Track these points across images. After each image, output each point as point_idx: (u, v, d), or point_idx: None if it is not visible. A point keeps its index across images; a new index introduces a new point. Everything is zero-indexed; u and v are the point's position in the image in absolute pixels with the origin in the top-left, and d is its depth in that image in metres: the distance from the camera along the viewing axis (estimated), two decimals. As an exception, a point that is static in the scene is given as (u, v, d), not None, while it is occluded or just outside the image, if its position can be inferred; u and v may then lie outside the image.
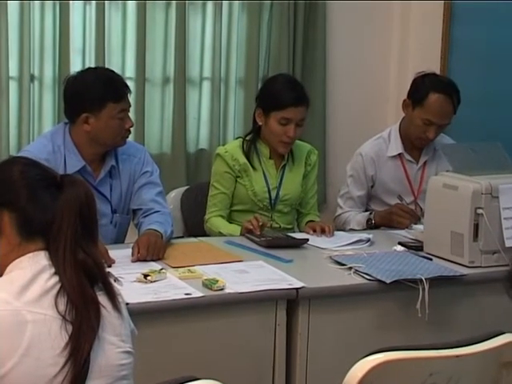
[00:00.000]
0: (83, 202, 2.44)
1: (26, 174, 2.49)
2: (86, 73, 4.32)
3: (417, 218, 4.62)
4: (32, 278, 2.36)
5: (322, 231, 4.39)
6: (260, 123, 4.54)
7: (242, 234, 4.35)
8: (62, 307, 2.35)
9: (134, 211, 4.29)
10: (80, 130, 4.08)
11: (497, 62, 5.63)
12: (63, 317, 2.34)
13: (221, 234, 4.44)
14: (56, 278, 2.37)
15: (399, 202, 4.77)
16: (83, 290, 2.40)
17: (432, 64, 5.67)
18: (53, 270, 2.38)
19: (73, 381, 2.32)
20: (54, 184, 2.48)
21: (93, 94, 4.04)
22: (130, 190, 4.27)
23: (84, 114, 4.03)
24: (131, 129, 4.20)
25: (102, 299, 2.46)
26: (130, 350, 2.48)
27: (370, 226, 4.73)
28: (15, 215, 2.43)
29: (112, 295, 2.48)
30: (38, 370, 2.30)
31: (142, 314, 3.10)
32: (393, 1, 6.24)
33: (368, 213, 4.84)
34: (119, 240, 4.35)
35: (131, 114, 4.20)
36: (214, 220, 4.53)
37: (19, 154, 4.32)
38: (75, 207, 2.42)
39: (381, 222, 4.72)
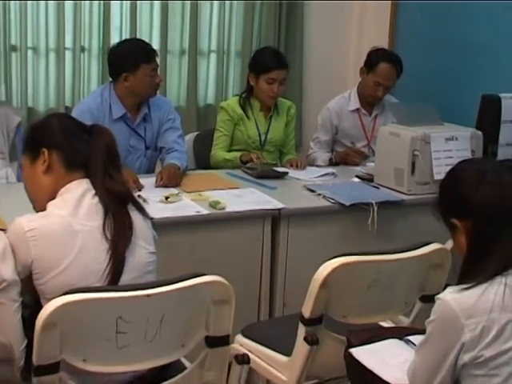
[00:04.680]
0: (109, 144, 2.48)
1: (63, 124, 2.53)
2: (123, 43, 4.34)
3: (365, 158, 4.68)
4: (80, 197, 2.40)
5: (297, 166, 4.39)
6: (252, 84, 4.54)
7: (241, 161, 4.37)
8: (104, 221, 2.38)
9: (160, 148, 4.27)
10: (121, 86, 4.07)
11: (432, 45, 5.57)
12: (103, 229, 2.36)
13: (225, 160, 4.47)
14: (97, 198, 2.40)
15: (352, 145, 4.86)
16: (117, 207, 2.42)
17: (382, 41, 5.65)
18: (93, 192, 2.41)
19: (113, 274, 2.37)
20: (86, 131, 2.52)
21: (130, 59, 4.03)
22: (159, 131, 4.25)
23: (124, 74, 4.04)
24: (160, 84, 4.22)
25: (134, 214, 2.47)
26: (153, 250, 2.52)
27: (332, 163, 4.77)
28: (60, 153, 2.46)
29: (140, 208, 2.52)
30: (89, 266, 2.34)
31: (164, 226, 3.09)
32: (353, 1, 6.17)
33: (330, 153, 4.88)
34: (150, 169, 4.34)
35: (157, 77, 4.17)
36: (219, 152, 4.55)
37: (76, 106, 4.38)
38: (103, 147, 2.46)
39: (339, 160, 4.76)
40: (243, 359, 2.62)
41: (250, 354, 2.77)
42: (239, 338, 2.99)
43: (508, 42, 4.93)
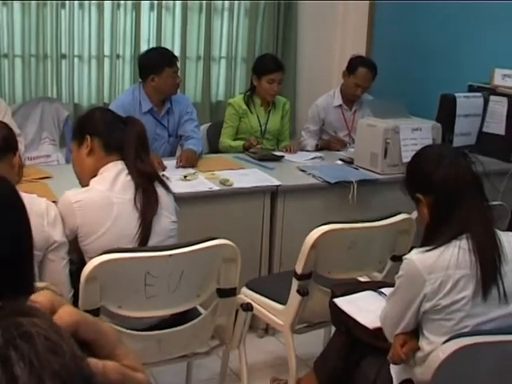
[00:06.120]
0: (140, 132, 2.50)
1: (104, 115, 2.56)
2: (150, 50, 4.31)
3: (344, 145, 4.66)
4: (116, 175, 2.41)
5: (291, 150, 4.39)
6: (255, 84, 4.52)
7: (243, 148, 4.33)
8: (135, 195, 2.40)
9: (179, 136, 4.27)
10: (149, 86, 4.05)
11: (404, 49, 5.54)
12: (135, 201, 2.38)
13: (230, 147, 4.43)
14: (129, 177, 2.41)
15: (334, 134, 4.81)
16: (146, 184, 2.44)
17: (360, 49, 5.62)
18: (127, 171, 2.42)
19: (142, 238, 2.39)
20: (122, 122, 2.53)
21: (156, 63, 4.01)
22: (179, 122, 4.24)
23: (151, 76, 4.01)
24: (180, 84, 4.20)
25: (160, 190, 2.48)
26: (175, 220, 2.54)
27: (318, 148, 4.74)
28: (100, 139, 2.48)
29: (165, 184, 2.54)
30: (123, 231, 2.37)
31: (183, 199, 3.09)
32: (337, 1, 6.05)
33: (317, 140, 4.85)
34: (172, 153, 4.31)
35: (178, 78, 4.16)
36: (226, 140, 4.51)
37: (113, 102, 4.36)
38: (135, 135, 2.47)
39: (323, 146, 4.72)
40: (247, 307, 2.63)
41: (253, 303, 2.79)
42: (244, 290, 3.00)
43: (464, 51, 4.91)
